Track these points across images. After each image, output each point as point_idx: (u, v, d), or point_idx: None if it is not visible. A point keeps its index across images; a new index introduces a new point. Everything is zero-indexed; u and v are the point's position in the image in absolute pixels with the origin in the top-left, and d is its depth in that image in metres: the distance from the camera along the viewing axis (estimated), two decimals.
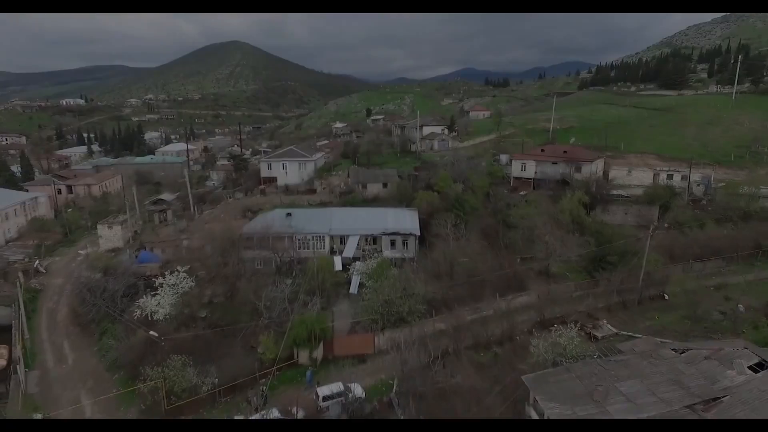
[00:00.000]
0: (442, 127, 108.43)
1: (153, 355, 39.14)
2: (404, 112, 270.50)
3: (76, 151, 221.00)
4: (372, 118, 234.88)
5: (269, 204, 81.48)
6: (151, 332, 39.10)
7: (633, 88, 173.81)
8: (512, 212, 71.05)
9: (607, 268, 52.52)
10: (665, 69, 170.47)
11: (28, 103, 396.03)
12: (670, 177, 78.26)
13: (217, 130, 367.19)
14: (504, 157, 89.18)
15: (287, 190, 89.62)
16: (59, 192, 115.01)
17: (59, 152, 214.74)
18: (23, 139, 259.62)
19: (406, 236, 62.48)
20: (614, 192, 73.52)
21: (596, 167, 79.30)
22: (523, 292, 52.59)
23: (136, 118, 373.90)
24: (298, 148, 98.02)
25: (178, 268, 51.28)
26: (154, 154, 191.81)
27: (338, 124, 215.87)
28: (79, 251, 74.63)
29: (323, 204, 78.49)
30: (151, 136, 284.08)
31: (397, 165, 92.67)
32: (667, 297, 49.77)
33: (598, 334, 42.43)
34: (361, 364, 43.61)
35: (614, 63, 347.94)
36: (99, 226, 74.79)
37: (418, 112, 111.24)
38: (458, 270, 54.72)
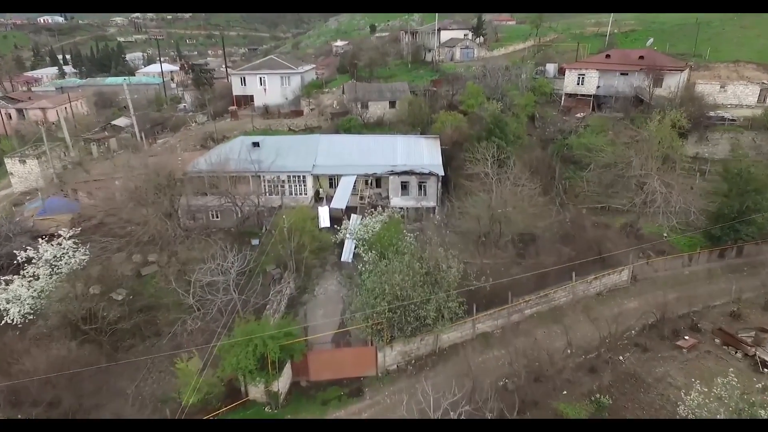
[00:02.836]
0: (465, 32, 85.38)
1: None
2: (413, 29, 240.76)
3: (47, 73, 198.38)
4: (376, 35, 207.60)
5: (240, 130, 61.63)
6: None
7: None
8: (571, 142, 50.93)
9: (745, 232, 33.27)
10: None
11: (2, 21, 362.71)
12: None
13: (209, 52, 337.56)
14: (551, 68, 67.26)
15: (267, 112, 69.02)
16: (9, 117, 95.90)
17: (29, 73, 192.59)
18: None
19: (424, 177, 43.00)
20: (713, 114, 52.63)
21: (682, 79, 57.78)
22: (609, 268, 33.79)
23: (122, 38, 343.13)
24: (279, 57, 76.08)
25: (62, 231, 32.48)
26: (134, 75, 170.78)
27: (338, 43, 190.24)
28: None
29: (309, 130, 58.36)
30: (133, 56, 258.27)
31: (409, 78, 71.09)
32: None
33: None
34: (354, 399, 25.86)
35: None
36: (7, 161, 55.62)
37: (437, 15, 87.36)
38: (506, 230, 35.70)
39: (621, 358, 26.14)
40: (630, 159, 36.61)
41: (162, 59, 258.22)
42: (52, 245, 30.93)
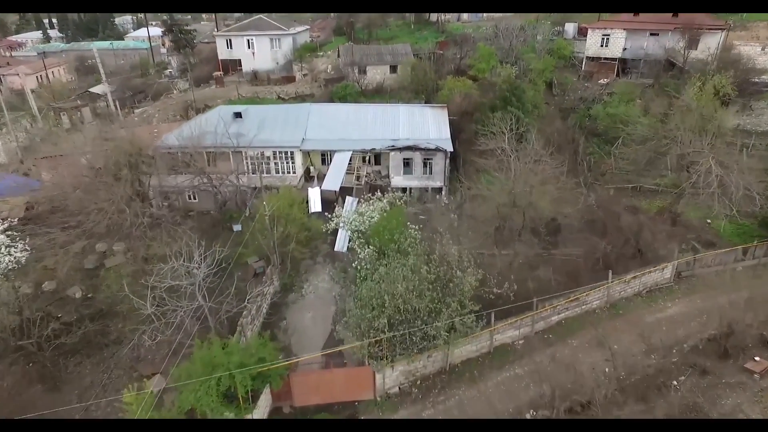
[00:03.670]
0: None
1: None
2: None
3: (32, 37, 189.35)
4: None
5: (225, 98, 55.77)
6: None
7: None
8: (595, 112, 45.10)
9: None
10: None
11: None
12: None
13: (203, 15, 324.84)
14: (570, 28, 60.67)
15: (255, 78, 62.86)
16: None
17: (12, 38, 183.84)
18: None
19: (429, 153, 37.43)
20: (758, 80, 46.52)
21: (720, 40, 51.32)
22: (648, 262, 28.63)
23: None
24: (269, 18, 69.15)
25: None
26: (123, 40, 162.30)
27: None
28: None
29: (300, 98, 52.40)
30: (123, 20, 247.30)
31: (412, 40, 64.52)
32: None
33: None
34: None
35: None
36: None
37: None
38: (528, 217, 30.38)
39: (675, 382, 21.27)
40: (673, 133, 30.86)
41: (153, 23, 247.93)
42: None
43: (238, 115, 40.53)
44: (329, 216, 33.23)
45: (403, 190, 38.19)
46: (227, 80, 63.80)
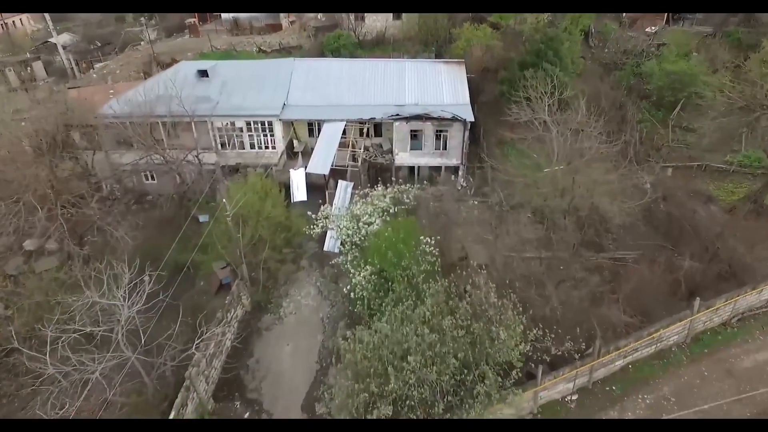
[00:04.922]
0: None
1: None
2: None
3: None
4: None
5: (198, 50, 47.33)
6: None
7: None
8: (650, 68, 36.69)
9: None
10: None
11: None
12: None
13: None
14: None
15: (237, 26, 53.89)
16: None
17: None
18: None
19: (444, 124, 29.49)
20: None
21: None
22: (736, 279, 21.44)
23: None
24: None
25: None
26: None
27: None
28: None
29: (285, 52, 43.72)
30: None
31: None
32: None
33: None
34: None
35: None
36: None
37: None
38: (586, 224, 22.93)
39: None
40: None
41: None
42: None
43: (203, 73, 32.33)
44: (315, 217, 25.61)
45: (410, 169, 30.67)
46: (204, 29, 54.90)
